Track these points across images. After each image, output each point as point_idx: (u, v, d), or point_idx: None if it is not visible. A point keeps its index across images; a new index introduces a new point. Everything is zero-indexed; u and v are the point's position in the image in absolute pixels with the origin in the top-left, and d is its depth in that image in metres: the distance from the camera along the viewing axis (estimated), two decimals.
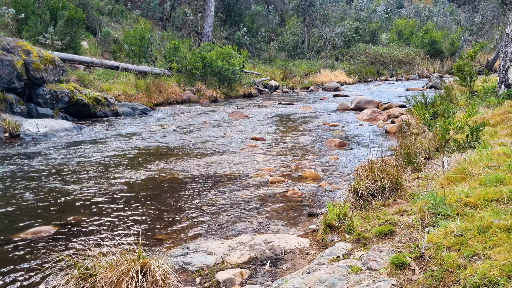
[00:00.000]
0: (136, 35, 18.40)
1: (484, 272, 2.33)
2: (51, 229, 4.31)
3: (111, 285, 2.55)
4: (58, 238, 4.08)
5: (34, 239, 4.10)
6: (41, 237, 4.15)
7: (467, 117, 4.05)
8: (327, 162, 7.22)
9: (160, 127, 11.19)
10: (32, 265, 3.53)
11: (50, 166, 6.94)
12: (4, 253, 3.82)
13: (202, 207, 5.03)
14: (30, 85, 12.07)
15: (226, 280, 3.16)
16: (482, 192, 3.31)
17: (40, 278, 3.30)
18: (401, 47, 35.45)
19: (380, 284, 2.67)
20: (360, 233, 3.59)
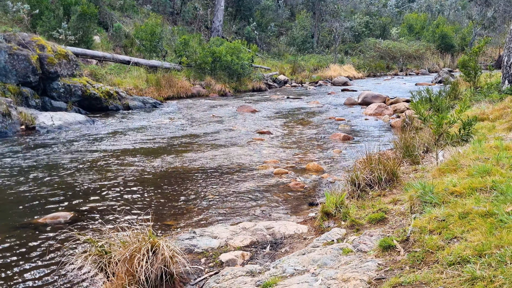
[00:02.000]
0: (147, 30, 18.73)
1: (458, 252, 2.58)
2: (68, 215, 4.63)
3: (124, 261, 2.84)
4: (75, 223, 4.40)
5: (52, 224, 4.43)
6: (59, 222, 4.47)
7: (459, 112, 4.27)
8: (330, 155, 7.46)
9: (170, 120, 11.50)
10: (53, 245, 3.86)
11: (65, 157, 7.28)
12: (27, 235, 4.14)
13: (208, 196, 5.33)
14: (44, 79, 12.45)
15: (229, 260, 3.45)
16: (468, 182, 3.54)
17: (61, 256, 3.62)
18: (412, 41, 35.32)
19: (368, 264, 2.93)
20: (355, 219, 3.85)
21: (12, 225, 4.41)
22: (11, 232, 4.21)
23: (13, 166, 6.67)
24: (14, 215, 4.71)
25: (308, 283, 2.73)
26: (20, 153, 7.56)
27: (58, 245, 3.78)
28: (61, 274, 3.37)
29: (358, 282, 2.66)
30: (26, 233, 4.20)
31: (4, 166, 6.66)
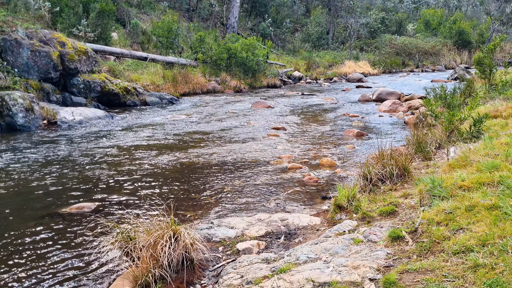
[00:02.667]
0: (164, 27, 18.99)
1: (463, 242, 2.73)
2: (92, 205, 4.88)
3: (148, 246, 3.05)
4: (99, 212, 4.64)
5: (78, 213, 4.67)
6: (84, 211, 4.71)
7: (470, 109, 4.38)
8: (344, 151, 7.60)
9: (186, 116, 11.73)
10: (80, 232, 4.10)
11: (87, 151, 7.56)
12: (55, 224, 4.39)
13: (224, 189, 5.52)
14: (65, 75, 12.78)
15: (245, 249, 3.64)
16: (476, 177, 3.67)
17: (88, 242, 3.86)
18: (428, 37, 35.02)
19: (377, 253, 3.09)
20: (366, 212, 4.00)
21: (40, 214, 4.67)
22: (39, 221, 4.47)
23: (37, 159, 6.96)
24: (41, 205, 4.97)
25: (320, 269, 2.90)
26: (44, 147, 7.86)
27: (85, 232, 4.02)
28: (89, 259, 3.60)
29: (367, 269, 2.82)
30: (54, 221, 4.45)
31: (29, 159, 6.96)
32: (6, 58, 11.74)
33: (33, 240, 4.01)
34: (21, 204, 5.00)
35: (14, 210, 4.79)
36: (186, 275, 3.11)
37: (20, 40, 11.93)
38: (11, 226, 4.34)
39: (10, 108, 9.66)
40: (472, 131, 4.54)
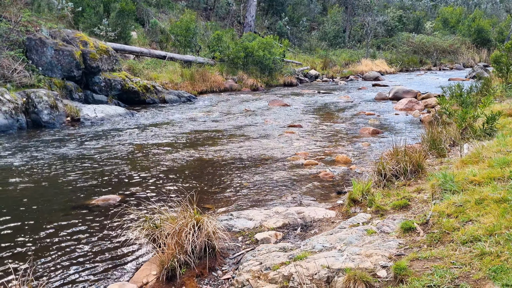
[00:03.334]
0: (182, 26, 19.28)
1: (472, 232, 2.88)
2: (117, 197, 5.12)
3: (173, 234, 3.26)
4: (124, 204, 4.88)
5: (104, 205, 4.92)
6: (110, 203, 4.96)
7: (483, 107, 4.49)
8: (359, 148, 7.73)
9: (204, 113, 11.97)
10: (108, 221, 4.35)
11: (109, 147, 7.84)
12: (84, 214, 4.65)
13: (243, 183, 5.72)
14: (87, 73, 13.14)
15: (263, 239, 3.83)
16: (487, 172, 3.79)
17: (118, 230, 4.10)
18: (446, 35, 34.70)
19: (389, 243, 3.25)
20: (379, 206, 4.15)
21: (69, 205, 4.94)
22: (69, 212, 4.73)
23: (63, 154, 7.26)
24: (70, 197, 5.24)
25: (335, 257, 3.08)
26: (69, 143, 8.17)
27: (113, 222, 4.26)
28: (118, 245, 3.84)
29: (379, 257, 2.99)
30: (82, 212, 4.71)
31: (55, 154, 7.26)
32: (31, 57, 12.14)
33: (64, 229, 4.26)
34: (51, 196, 5.27)
35: (45, 201, 5.07)
36: (208, 262, 3.32)
37: (44, 40, 12.31)
38: (44, 216, 4.61)
39: (35, 105, 10.02)
40: (485, 129, 4.65)
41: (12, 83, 10.96)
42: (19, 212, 4.74)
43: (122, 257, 3.67)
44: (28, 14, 13.62)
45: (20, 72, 11.53)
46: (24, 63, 11.81)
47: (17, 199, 5.15)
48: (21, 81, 11.29)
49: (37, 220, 4.48)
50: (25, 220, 4.49)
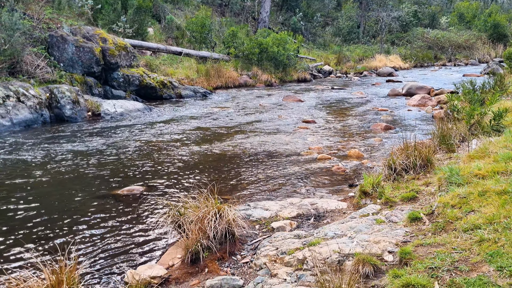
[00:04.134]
0: (198, 22, 19.58)
1: (473, 221, 3.11)
2: (141, 188, 5.44)
3: (197, 221, 3.55)
4: (148, 194, 5.20)
5: (129, 194, 5.24)
6: (134, 193, 5.28)
7: (489, 104, 4.68)
8: (371, 143, 7.95)
9: (219, 109, 12.26)
10: (134, 209, 4.66)
11: (130, 140, 8.18)
12: (111, 203, 4.98)
13: (259, 176, 6.00)
14: (106, 69, 13.53)
15: (279, 227, 4.10)
16: (491, 166, 4.01)
17: (144, 217, 4.41)
18: (462, 31, 34.44)
19: (397, 231, 3.50)
20: (389, 197, 4.39)
21: (96, 195, 5.27)
22: (96, 201, 5.06)
23: (87, 148, 7.62)
24: (95, 187, 5.57)
25: (345, 243, 3.34)
26: (91, 137, 8.54)
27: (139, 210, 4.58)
28: (145, 231, 4.15)
29: (387, 243, 3.24)
30: (109, 201, 5.04)
31: (80, 148, 7.62)
32: (53, 53, 12.54)
33: (94, 216, 4.59)
34: (79, 186, 5.61)
35: (74, 191, 5.41)
36: (229, 247, 3.60)
37: (66, 37, 12.71)
38: (74, 204, 4.94)
39: (58, 100, 10.42)
40: (492, 125, 4.84)
41: (35, 79, 11.37)
42: (51, 200, 5.08)
43: (150, 241, 3.99)
44: (49, 12, 14.03)
45: (43, 68, 11.94)
46: (46, 59, 12.22)
47: (47, 189, 5.50)
48: (44, 77, 11.70)
49: (68, 208, 4.81)
50: (57, 207, 4.83)
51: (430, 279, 2.53)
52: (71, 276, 2.51)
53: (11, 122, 9.25)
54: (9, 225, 4.37)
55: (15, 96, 9.70)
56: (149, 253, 3.78)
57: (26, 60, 11.63)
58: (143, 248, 3.86)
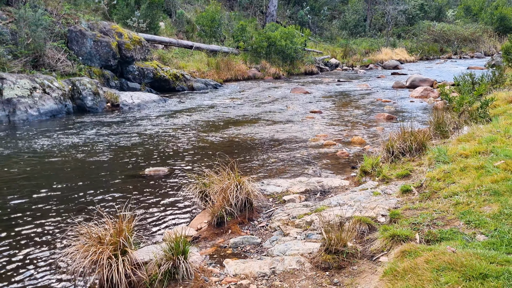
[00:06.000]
0: (208, 16, 20.17)
1: (452, 190, 3.73)
2: (165, 169, 6.10)
3: (221, 191, 4.19)
4: (172, 174, 5.86)
5: (155, 174, 5.91)
6: (160, 174, 5.94)
7: (477, 93, 5.27)
8: (373, 131, 8.55)
9: (230, 100, 12.89)
10: (164, 185, 5.33)
11: (149, 128, 8.84)
12: (140, 181, 5.64)
13: (269, 160, 6.64)
14: (122, 63, 14.19)
15: (290, 199, 4.74)
16: (474, 147, 4.61)
17: (174, 191, 5.07)
18: (468, 24, 34.71)
19: (390, 200, 4.13)
20: (386, 175, 5.01)
21: (127, 174, 5.94)
22: (127, 179, 5.73)
23: (111, 135, 8.29)
24: (124, 169, 6.24)
25: (346, 210, 3.97)
26: (113, 125, 9.21)
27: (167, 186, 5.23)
28: (176, 202, 4.81)
29: (380, 209, 3.87)
30: (138, 180, 5.71)
31: (105, 134, 8.30)
32: (72, 48, 13.21)
33: (129, 191, 5.25)
34: (108, 168, 6.29)
35: (107, 172, 6.08)
36: (248, 214, 4.25)
37: (84, 31, 13.37)
38: (110, 183, 5.62)
39: (80, 92, 11.10)
40: (479, 113, 5.42)
41: (56, 72, 12.06)
42: (90, 178, 5.76)
43: (180, 209, 4.65)
44: (68, 8, 14.70)
45: (63, 61, 12.63)
46: (66, 53, 12.89)
47: (84, 170, 6.18)
48: (64, 70, 12.38)
49: (105, 185, 5.48)
50: (96, 184, 5.50)
51: (412, 231, 3.16)
52: (128, 227, 3.16)
53: (39, 112, 9.95)
54: (62, 198, 5.05)
55: (41, 88, 10.39)
56: (181, 218, 4.45)
57: (48, 54, 12.31)
58: (175, 215, 4.53)
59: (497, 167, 3.89)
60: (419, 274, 2.43)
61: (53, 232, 4.19)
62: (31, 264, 3.61)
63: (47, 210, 4.70)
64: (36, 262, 3.63)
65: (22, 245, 3.94)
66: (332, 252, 3.14)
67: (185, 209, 4.68)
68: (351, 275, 2.96)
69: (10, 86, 9.82)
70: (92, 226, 3.16)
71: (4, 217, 4.53)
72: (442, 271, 2.40)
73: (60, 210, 4.71)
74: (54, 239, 4.04)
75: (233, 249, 3.70)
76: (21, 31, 11.86)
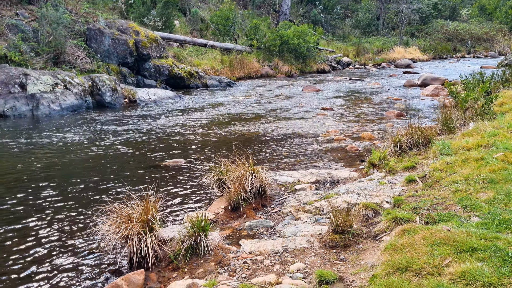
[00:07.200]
0: (222, 15, 20.53)
1: (453, 178, 4.00)
2: (183, 160, 6.45)
3: (237, 179, 4.51)
4: (190, 164, 6.20)
5: (174, 165, 6.25)
6: (178, 165, 6.29)
7: (481, 90, 5.51)
8: (383, 128, 8.80)
9: (243, 97, 13.21)
10: (183, 174, 5.68)
11: (166, 123, 9.20)
12: (161, 171, 5.99)
13: (282, 153, 6.94)
14: (138, 60, 14.61)
15: (301, 188, 5.05)
16: (477, 141, 4.87)
17: (192, 180, 5.41)
18: (482, 23, 34.57)
19: (395, 189, 4.41)
20: (392, 167, 5.29)
21: (147, 165, 6.30)
22: (148, 170, 6.09)
23: (130, 129, 8.67)
24: (144, 160, 6.60)
25: (353, 197, 4.26)
26: (132, 120, 9.60)
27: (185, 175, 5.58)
28: (194, 189, 5.15)
29: (385, 196, 4.16)
30: (159, 170, 6.06)
31: (125, 129, 8.68)
32: (91, 45, 13.66)
33: (151, 179, 5.60)
34: (131, 159, 6.65)
35: (129, 163, 6.45)
36: (261, 200, 4.57)
37: (103, 30, 13.80)
38: (132, 172, 5.98)
39: (99, 88, 11.52)
40: (484, 109, 5.66)
41: (76, 69, 12.50)
42: (113, 169, 6.12)
43: (199, 195, 4.99)
44: (86, 6, 15.15)
45: (83, 58, 13.07)
46: (85, 51, 13.34)
47: (106, 161, 6.55)
48: (84, 67, 12.83)
49: (128, 174, 5.84)
50: (120, 174, 5.87)
51: (413, 214, 3.45)
52: (155, 206, 3.50)
53: (60, 107, 10.39)
54: (89, 185, 5.43)
55: (62, 84, 10.82)
56: (200, 203, 4.78)
57: (68, 51, 12.76)
58: (194, 201, 4.86)
59: (496, 159, 4.15)
60: (416, 248, 2.72)
61: (86, 213, 4.56)
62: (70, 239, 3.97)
63: (77, 196, 5.07)
64: (72, 237, 3.99)
65: (58, 226, 4.30)
66: (339, 232, 3.44)
67: (203, 196, 5.02)
68: (356, 252, 3.26)
69: (34, 82, 10.27)
70: (123, 207, 3.50)
71: (37, 202, 4.90)
72: (436, 245, 2.69)
73: (89, 195, 5.08)
74: (87, 218, 4.40)
75: (248, 231, 4.01)
76: (43, 29, 12.32)
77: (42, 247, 3.87)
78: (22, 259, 3.66)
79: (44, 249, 3.83)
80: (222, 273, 3.15)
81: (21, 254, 3.74)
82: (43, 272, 3.46)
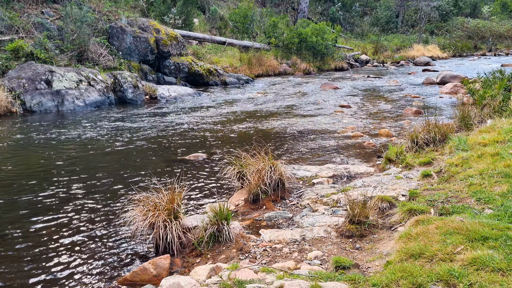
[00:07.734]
0: (240, 13, 20.70)
1: (468, 173, 4.09)
2: (204, 155, 6.65)
3: (257, 172, 4.68)
4: (210, 159, 6.39)
5: (196, 159, 6.45)
6: (200, 158, 6.49)
7: (498, 88, 5.55)
8: (400, 125, 8.86)
9: (262, 94, 13.37)
10: (205, 167, 5.86)
11: (187, 118, 9.42)
12: (183, 165, 6.20)
13: (300, 148, 7.08)
14: (158, 57, 14.88)
15: (318, 182, 5.18)
16: (493, 137, 4.93)
17: (213, 173, 5.60)
18: (504, 20, 34.01)
19: (411, 183, 4.51)
20: (409, 162, 5.38)
21: (169, 159, 6.52)
22: (171, 163, 6.30)
23: (152, 124, 8.91)
24: (167, 154, 6.81)
25: (370, 190, 4.38)
26: (153, 115, 9.84)
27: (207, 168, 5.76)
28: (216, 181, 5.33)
29: (401, 190, 4.27)
30: (181, 163, 6.26)
31: (146, 124, 8.92)
32: (113, 43, 13.98)
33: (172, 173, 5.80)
34: (153, 154, 6.88)
35: (151, 157, 6.68)
36: (280, 193, 4.72)
37: (124, 28, 14.11)
38: (155, 165, 6.20)
39: (121, 85, 11.81)
40: (501, 106, 5.70)
41: (99, 66, 12.83)
42: (135, 163, 6.35)
43: (220, 187, 5.18)
44: (109, 5, 15.49)
45: (105, 56, 13.39)
46: (107, 48, 13.67)
47: (131, 155, 6.79)
48: (106, 64, 13.15)
49: (152, 167, 6.06)
50: (144, 167, 6.09)
51: (428, 206, 3.56)
52: (180, 196, 3.69)
53: (84, 103, 10.70)
54: (115, 177, 5.66)
55: (86, 80, 11.14)
56: (221, 194, 4.97)
57: (92, 49, 13.09)
58: (215, 192, 5.05)
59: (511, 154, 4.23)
60: (429, 237, 2.84)
61: (112, 203, 4.78)
62: (100, 227, 4.20)
63: (103, 188, 5.31)
64: (103, 225, 4.22)
65: (88, 215, 4.54)
66: (355, 222, 3.58)
67: (224, 188, 5.20)
68: (371, 241, 3.40)
69: (59, 78, 10.60)
70: (149, 196, 3.70)
71: (67, 194, 5.15)
72: (449, 234, 2.81)
73: (114, 187, 5.31)
74: (114, 207, 4.62)
75: (267, 222, 4.18)
76: (67, 27, 12.67)
77: (75, 235, 4.10)
78: (60, 246, 3.89)
79: (77, 237, 4.06)
80: (243, 259, 3.32)
81: (57, 242, 3.97)
82: (78, 258, 3.68)
